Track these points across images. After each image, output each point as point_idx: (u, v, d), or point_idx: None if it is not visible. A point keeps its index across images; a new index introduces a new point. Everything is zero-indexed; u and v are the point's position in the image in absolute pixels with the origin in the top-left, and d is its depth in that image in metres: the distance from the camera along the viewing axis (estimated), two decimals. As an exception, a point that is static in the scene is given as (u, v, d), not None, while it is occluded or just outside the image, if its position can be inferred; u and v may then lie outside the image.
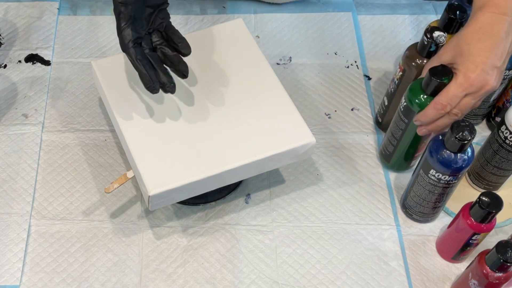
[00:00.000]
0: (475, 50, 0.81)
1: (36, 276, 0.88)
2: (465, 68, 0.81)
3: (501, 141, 0.88)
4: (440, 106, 0.83)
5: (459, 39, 0.83)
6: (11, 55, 1.09)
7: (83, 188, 0.95)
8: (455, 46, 0.83)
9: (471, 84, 0.81)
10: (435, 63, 0.85)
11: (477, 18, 0.82)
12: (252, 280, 0.89)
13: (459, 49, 0.82)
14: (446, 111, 0.83)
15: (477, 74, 0.80)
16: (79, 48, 1.11)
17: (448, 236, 0.89)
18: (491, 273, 0.78)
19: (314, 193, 0.97)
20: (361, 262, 0.91)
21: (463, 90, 0.81)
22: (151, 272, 0.89)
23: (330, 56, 1.12)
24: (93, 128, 1.01)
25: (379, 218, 0.94)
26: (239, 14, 1.16)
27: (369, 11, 1.18)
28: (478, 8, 0.83)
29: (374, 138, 1.02)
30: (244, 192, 0.96)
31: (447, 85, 0.82)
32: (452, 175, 0.83)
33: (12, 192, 0.94)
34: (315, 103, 1.06)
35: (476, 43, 0.81)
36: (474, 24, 0.82)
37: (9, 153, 0.98)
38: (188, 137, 0.86)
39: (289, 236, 0.92)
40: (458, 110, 0.83)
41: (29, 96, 1.04)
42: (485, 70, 0.80)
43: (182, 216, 0.94)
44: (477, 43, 0.81)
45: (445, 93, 0.83)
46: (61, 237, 0.91)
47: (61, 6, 1.16)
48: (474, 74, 0.81)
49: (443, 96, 0.83)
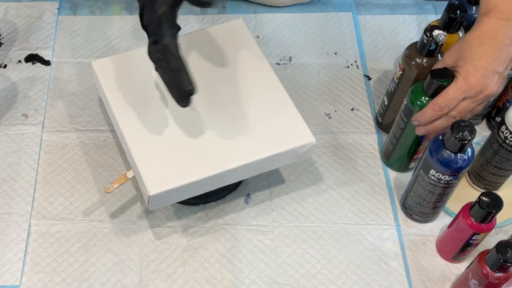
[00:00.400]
0: (477, 54, 0.81)
1: (36, 276, 0.88)
2: (465, 72, 0.81)
3: (501, 141, 0.88)
4: (438, 108, 0.83)
5: (462, 43, 0.83)
6: (11, 55, 1.09)
7: (83, 188, 0.95)
8: (459, 49, 0.83)
9: (470, 87, 0.81)
10: (440, 65, 0.85)
11: (482, 23, 0.83)
12: (252, 280, 0.89)
13: (461, 53, 0.83)
14: (444, 113, 0.83)
15: (477, 78, 0.81)
16: (79, 48, 1.11)
17: (448, 236, 0.89)
18: (491, 273, 0.78)
19: (314, 193, 0.97)
20: (361, 262, 0.91)
21: (462, 93, 0.82)
22: (151, 272, 0.89)
23: (330, 56, 1.12)
24: (93, 128, 1.01)
25: (379, 218, 0.94)
26: (239, 14, 1.16)
27: (369, 11, 1.18)
28: (484, 13, 0.83)
29: (374, 138, 1.02)
30: (244, 192, 0.96)
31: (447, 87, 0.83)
32: (452, 175, 0.83)
33: (12, 192, 0.94)
34: (315, 103, 1.06)
35: (479, 47, 0.81)
36: (479, 29, 0.83)
37: (9, 153, 0.98)
38: (188, 137, 0.86)
39: (289, 236, 0.92)
40: (456, 113, 0.83)
41: (29, 96, 1.04)
42: (486, 74, 0.81)
43: (182, 216, 0.94)
44: (480, 47, 0.81)
45: (443, 95, 0.83)
46: (61, 237, 0.91)
47: (61, 6, 1.16)
48: (474, 78, 0.81)
49: (441, 97, 0.83)
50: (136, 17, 1.15)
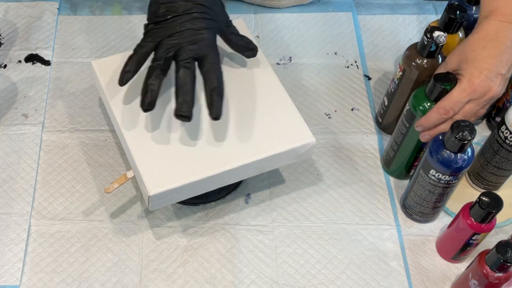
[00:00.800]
0: (480, 57, 0.81)
1: (36, 276, 0.88)
2: (469, 74, 0.82)
3: (501, 141, 0.88)
4: (443, 111, 0.83)
5: (465, 46, 0.83)
6: (11, 55, 1.09)
7: (83, 188, 0.95)
8: (461, 52, 0.84)
9: (474, 89, 0.81)
10: (443, 70, 0.85)
11: (483, 26, 0.83)
12: (252, 280, 0.89)
13: (464, 56, 0.83)
14: (449, 116, 0.83)
15: (481, 80, 0.81)
16: (79, 48, 1.11)
17: (448, 236, 0.89)
18: (491, 273, 0.78)
19: (314, 193, 0.97)
20: (361, 262, 0.91)
21: (467, 95, 0.82)
22: (151, 272, 0.89)
23: (330, 56, 1.12)
24: (93, 128, 1.01)
25: (379, 218, 0.94)
26: (239, 14, 1.16)
27: (369, 11, 1.18)
28: (485, 16, 0.84)
29: (374, 138, 1.02)
30: (244, 192, 0.96)
31: (451, 90, 0.83)
32: (452, 175, 0.83)
33: (12, 192, 0.94)
34: (315, 103, 1.06)
35: (482, 50, 0.81)
36: (481, 31, 0.83)
37: (9, 153, 0.98)
38: (188, 137, 0.86)
39: (289, 236, 0.92)
40: (461, 116, 0.83)
41: (29, 96, 1.04)
42: (489, 76, 0.81)
43: (182, 216, 0.94)
44: (483, 50, 0.81)
45: (448, 98, 0.83)
46: (61, 237, 0.91)
47: (61, 6, 1.16)
48: (478, 80, 0.81)
49: (446, 100, 0.83)
50: (136, 17, 1.15)
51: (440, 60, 0.90)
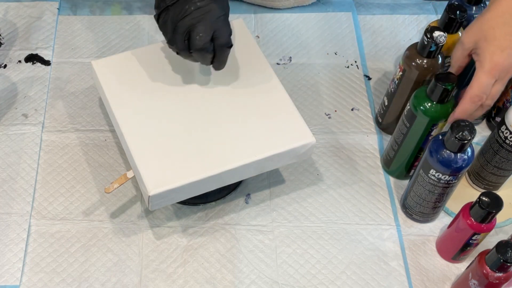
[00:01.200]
0: (500, 34, 0.80)
1: (36, 276, 0.88)
2: (490, 54, 0.80)
3: (501, 141, 0.88)
4: (477, 98, 0.81)
5: (482, 24, 0.82)
6: (11, 55, 1.09)
7: (83, 188, 0.95)
8: (479, 31, 0.82)
9: (499, 69, 0.80)
10: (459, 49, 0.84)
11: (499, 3, 0.81)
12: (252, 280, 0.89)
13: (483, 34, 0.81)
14: (483, 102, 0.82)
15: (504, 58, 0.80)
16: (79, 48, 1.11)
17: (448, 236, 0.89)
18: (491, 273, 0.78)
19: (314, 193, 0.97)
20: (361, 262, 0.91)
21: (493, 76, 0.80)
22: (151, 272, 0.89)
23: (330, 56, 1.12)
24: (93, 128, 1.01)
25: (379, 218, 0.94)
26: (239, 14, 1.16)
27: (369, 11, 1.18)
28: None
29: (374, 138, 1.02)
30: (244, 192, 0.96)
31: (475, 76, 0.81)
32: (452, 175, 0.83)
33: (12, 192, 0.94)
34: (315, 103, 1.06)
35: (502, 27, 0.80)
36: (497, 8, 0.81)
37: (9, 153, 0.98)
38: (188, 137, 0.86)
39: (289, 236, 0.92)
40: (490, 99, 0.82)
41: (29, 96, 1.04)
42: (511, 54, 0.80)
43: (182, 216, 0.94)
44: (503, 27, 0.80)
45: (476, 84, 0.81)
46: (61, 237, 0.91)
47: (61, 6, 1.16)
48: (502, 59, 0.80)
49: (475, 88, 0.81)
50: (136, 17, 1.15)
51: (440, 60, 0.90)
